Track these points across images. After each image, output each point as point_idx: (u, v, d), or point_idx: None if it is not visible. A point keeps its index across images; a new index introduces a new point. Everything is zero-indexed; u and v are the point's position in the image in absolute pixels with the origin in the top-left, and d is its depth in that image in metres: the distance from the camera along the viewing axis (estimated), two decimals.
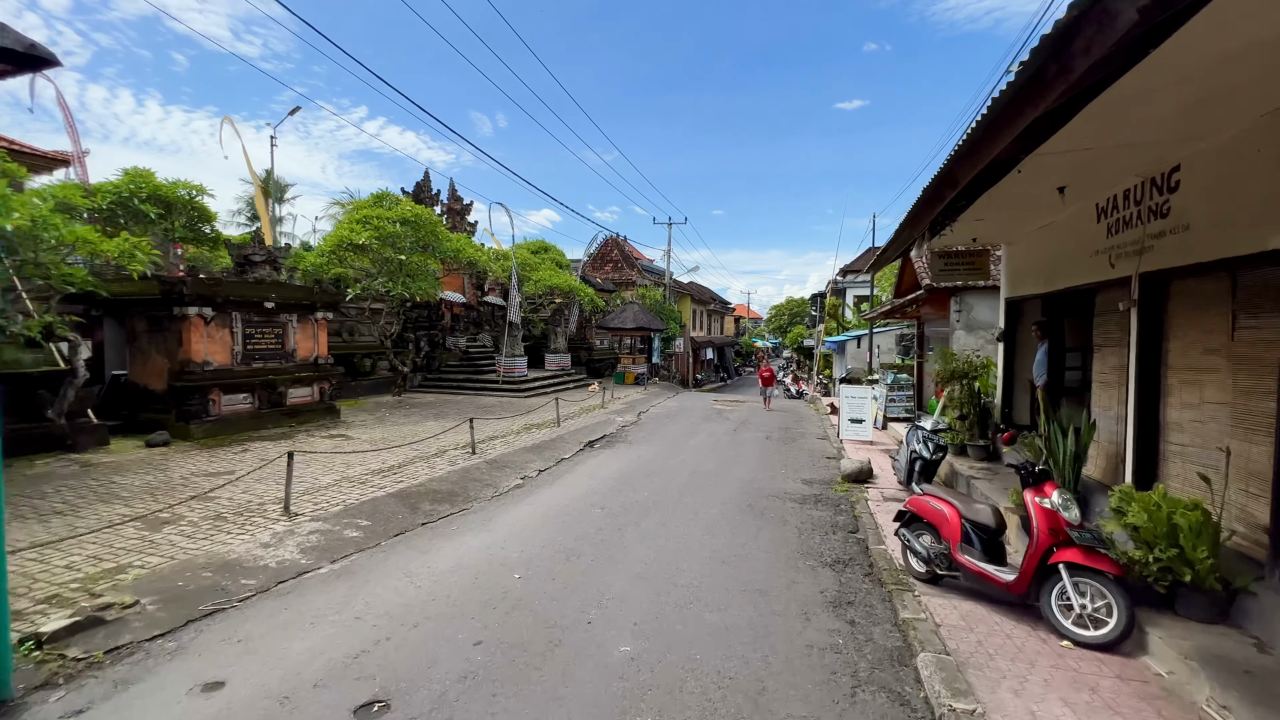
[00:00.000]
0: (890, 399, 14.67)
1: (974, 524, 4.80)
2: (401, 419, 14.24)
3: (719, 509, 7.29)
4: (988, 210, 6.20)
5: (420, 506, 7.22)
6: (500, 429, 12.92)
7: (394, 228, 15.96)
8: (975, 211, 6.12)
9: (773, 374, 21.08)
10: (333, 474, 8.56)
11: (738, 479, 9.08)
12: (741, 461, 10.50)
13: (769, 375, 20.67)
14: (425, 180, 23.77)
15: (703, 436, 13.13)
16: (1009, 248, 8.91)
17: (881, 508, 7.74)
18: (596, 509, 7.15)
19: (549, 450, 10.98)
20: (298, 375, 13.38)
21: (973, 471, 8.13)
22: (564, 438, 12.22)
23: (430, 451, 10.39)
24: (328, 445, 10.85)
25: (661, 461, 10.31)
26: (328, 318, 14.40)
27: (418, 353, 21.89)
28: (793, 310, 53.50)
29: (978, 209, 5.90)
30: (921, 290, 12.09)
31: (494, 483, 8.54)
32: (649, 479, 8.90)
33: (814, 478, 9.39)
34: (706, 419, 16.10)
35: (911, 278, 14.73)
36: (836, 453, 11.68)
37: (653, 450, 11.41)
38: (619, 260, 38.74)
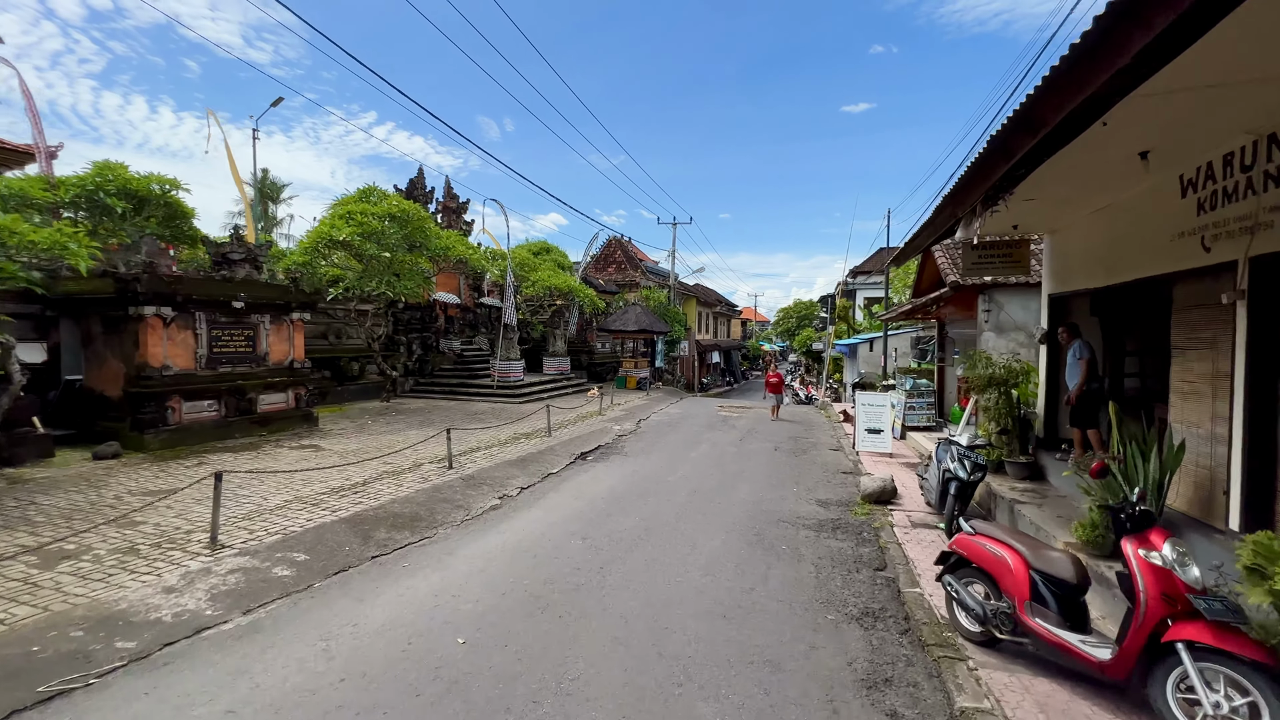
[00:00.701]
0: (909, 407, 13.57)
1: (1046, 577, 3.74)
2: (384, 427, 13.28)
3: (721, 539, 6.24)
4: (1044, 185, 5.14)
5: (374, 535, 6.22)
6: (487, 438, 11.93)
7: (378, 224, 15.05)
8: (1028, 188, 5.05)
9: (781, 379, 19.45)
10: (285, 493, 7.58)
11: (743, 500, 8.03)
12: (747, 477, 9.44)
13: (777, 381, 19.08)
14: (419, 177, 22.90)
15: (705, 447, 12.08)
16: (1053, 237, 7.83)
17: (911, 536, 6.67)
18: (577, 539, 6.12)
19: (536, 464, 9.97)
20: (270, 380, 12.45)
21: (1015, 494, 7.04)
22: (554, 449, 11.21)
23: (404, 465, 9.41)
24: (294, 457, 9.89)
25: (658, 478, 9.27)
26: (305, 319, 13.48)
27: (409, 356, 20.98)
28: (800, 313, 52.25)
29: (1034, 183, 4.84)
30: (946, 288, 11.01)
31: (467, 504, 7.54)
32: (642, 500, 7.87)
33: (830, 498, 8.32)
34: (710, 427, 15.05)
35: (933, 275, 13.64)
36: (853, 467, 10.60)
37: (650, 464, 10.37)
38: (622, 261, 37.77)
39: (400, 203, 15.75)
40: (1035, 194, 5.57)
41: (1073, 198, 5.93)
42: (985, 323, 11.05)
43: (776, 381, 19.16)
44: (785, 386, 21.72)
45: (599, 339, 28.72)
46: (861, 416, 11.79)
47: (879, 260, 38.41)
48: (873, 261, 38.97)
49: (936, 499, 7.08)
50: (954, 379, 14.30)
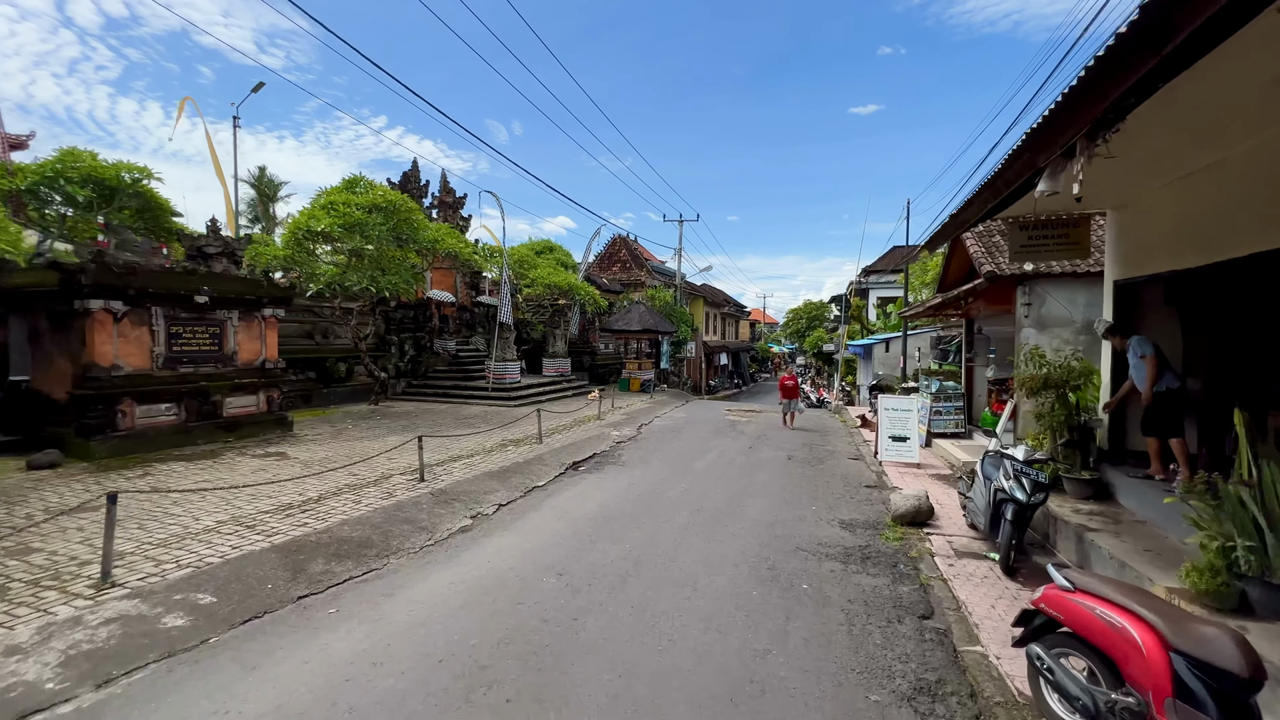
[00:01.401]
0: (935, 411, 12.37)
1: (1196, 664, 2.59)
2: (364, 432, 12.26)
3: (727, 576, 5.12)
4: (1143, 132, 3.99)
5: (308, 567, 5.16)
6: (471, 446, 10.86)
7: (361, 214, 14.05)
8: (1121, 139, 3.91)
9: (796, 383, 16.33)
10: (223, 512, 6.54)
11: (754, 521, 6.90)
12: (758, 493, 8.31)
13: (792, 385, 16.00)
14: (413, 170, 21.96)
15: (711, 456, 10.94)
16: (1121, 214, 6.66)
17: (957, 569, 5.52)
18: (552, 576, 5.02)
19: (520, 475, 8.89)
20: (239, 382, 11.46)
21: (1080, 518, 5.87)
22: (543, 458, 10.12)
23: (371, 477, 8.37)
24: (251, 468, 8.87)
25: (657, 493, 8.15)
26: (279, 315, 12.50)
27: (401, 357, 20.02)
28: (810, 314, 50.92)
29: (1135, 125, 3.70)
30: (980, 279, 9.82)
31: (431, 525, 6.46)
32: (636, 522, 6.75)
33: (855, 518, 7.17)
34: (717, 433, 13.91)
35: (962, 266, 12.44)
36: (877, 480, 9.43)
37: (648, 476, 9.26)
38: (627, 260, 36.73)
39: (386, 193, 14.76)
40: (1124, 148, 4.43)
41: (1169, 153, 4.77)
42: (1025, 318, 9.85)
43: (791, 385, 16.22)
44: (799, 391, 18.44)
45: (602, 339, 27.65)
46: (885, 422, 10.62)
47: (893, 259, 37.14)
48: (886, 260, 37.70)
49: (986, 523, 5.92)
50: (983, 381, 13.10)
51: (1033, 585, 5.14)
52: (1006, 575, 5.40)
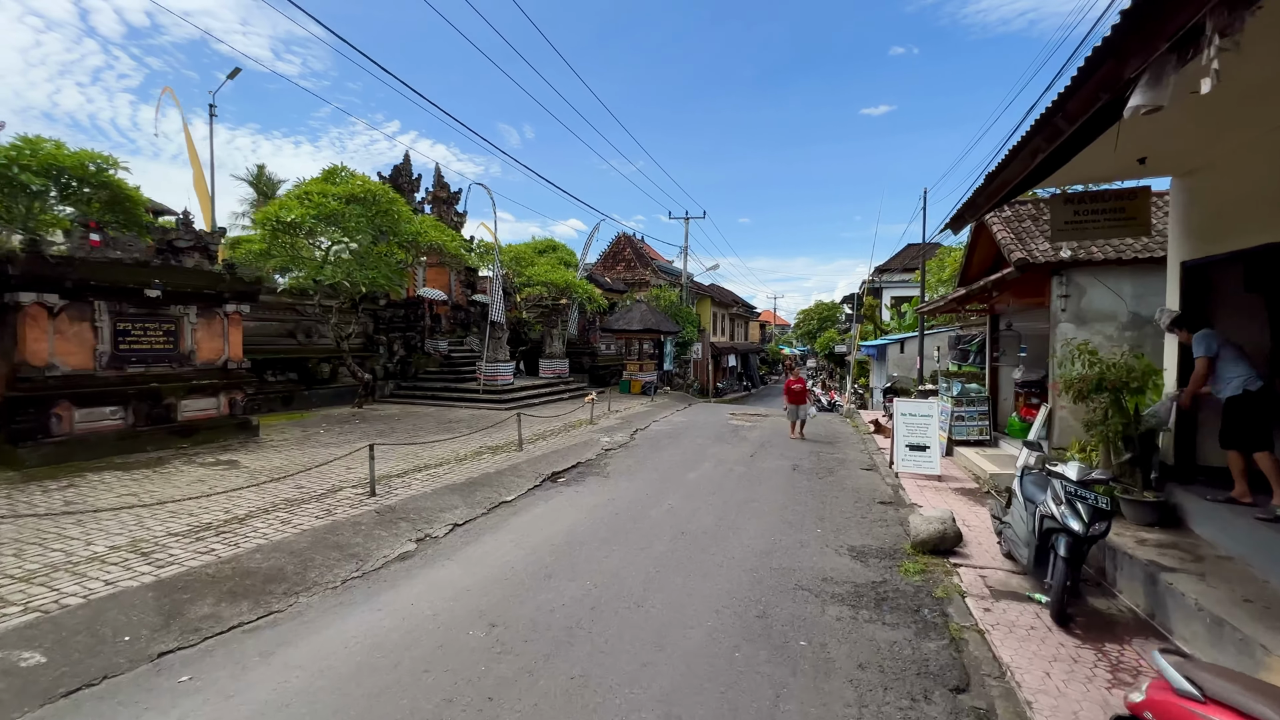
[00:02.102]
0: (956, 417, 11.21)
1: None
2: (335, 438, 11.35)
3: (705, 629, 4.06)
4: (1243, 65, 2.90)
5: (190, 610, 4.19)
6: (444, 453, 9.90)
7: (338, 205, 13.20)
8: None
9: (805, 388, 14.29)
10: (125, 534, 5.61)
11: (747, 547, 5.84)
12: (756, 511, 7.24)
13: (800, 389, 13.92)
14: (405, 163, 21.13)
15: (708, 467, 9.87)
16: (1190, 181, 5.54)
17: (996, 616, 4.43)
18: (481, 627, 4.00)
19: (488, 489, 7.89)
20: (196, 383, 10.61)
21: (1147, 551, 4.75)
22: (519, 468, 9.13)
23: (318, 490, 7.43)
24: (189, 479, 7.96)
25: (639, 511, 7.12)
26: (243, 311, 11.63)
27: (390, 357, 19.15)
28: (822, 314, 49.57)
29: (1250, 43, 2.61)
30: (1009, 269, 8.68)
31: (363, 552, 5.48)
32: (606, 549, 5.72)
33: (867, 544, 6.08)
34: (718, 439, 12.83)
35: (987, 255, 11.28)
36: (893, 494, 8.32)
37: (633, 489, 8.23)
38: (632, 259, 35.73)
39: (366, 183, 13.90)
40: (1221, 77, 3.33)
41: (1275, 88, 3.66)
42: (1061, 311, 8.69)
43: (799, 389, 14.01)
44: (809, 395, 15.92)
45: (603, 340, 26.66)
46: (901, 429, 9.50)
47: (908, 257, 35.83)
48: (901, 258, 36.37)
49: (1030, 557, 4.81)
50: (1010, 383, 11.91)
51: (1094, 640, 4.05)
52: (1059, 625, 4.31)
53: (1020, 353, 9.75)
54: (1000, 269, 9.61)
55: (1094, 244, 8.78)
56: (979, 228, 10.93)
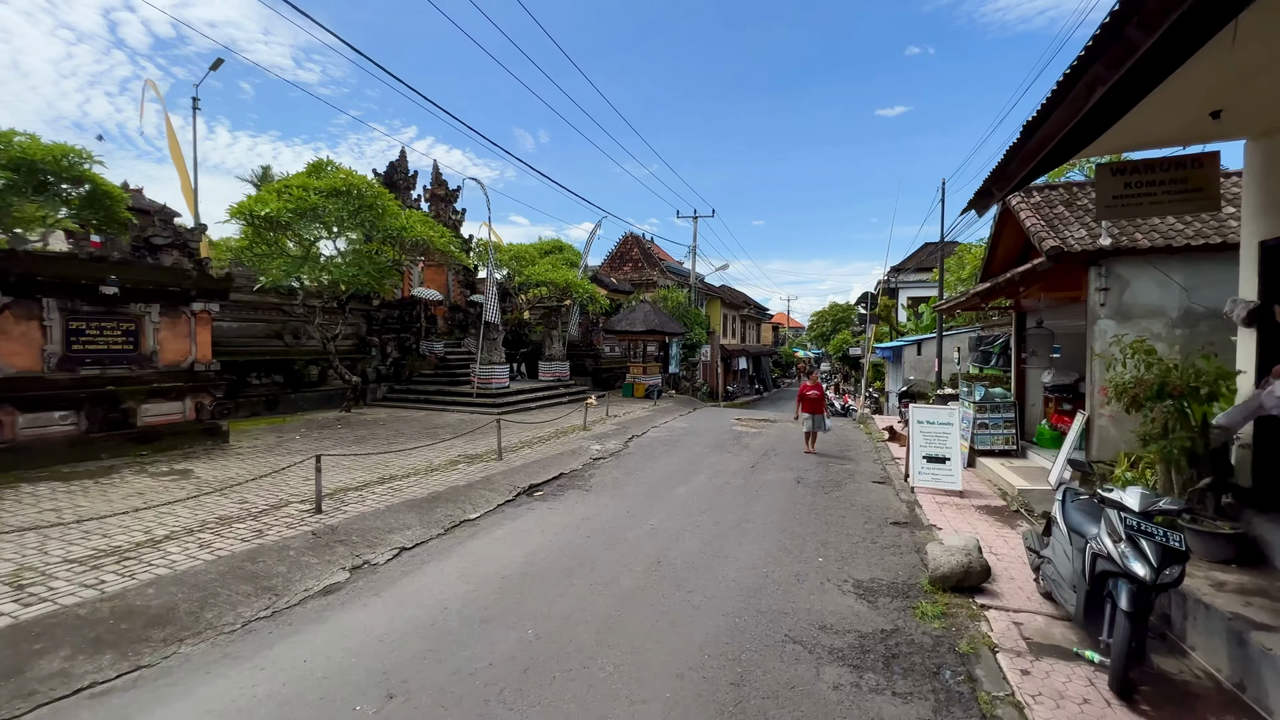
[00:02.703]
0: (980, 424, 10.19)
1: None
2: (311, 444, 10.65)
3: (660, 704, 3.18)
4: None
5: (39, 665, 3.42)
6: (417, 463, 9.13)
7: (319, 199, 12.54)
8: None
9: (823, 394, 11.99)
10: (12, 561, 4.88)
11: (733, 582, 4.95)
12: (749, 533, 6.34)
13: (817, 396, 11.62)
14: (401, 160, 20.54)
15: (701, 479, 8.98)
16: (1272, 142, 4.56)
17: (1036, 678, 3.51)
18: (376, 696, 3.17)
19: (451, 505, 7.08)
20: (158, 386, 9.96)
21: (1228, 600, 3.79)
22: (494, 480, 8.32)
23: (264, 504, 6.68)
24: (127, 492, 7.26)
25: (614, 532, 6.26)
26: (212, 310, 10.99)
27: (383, 359, 18.51)
28: (836, 316, 48.40)
29: None
30: (1040, 259, 7.69)
31: (283, 585, 4.69)
32: (565, 582, 4.87)
33: (877, 576, 5.16)
34: (717, 448, 11.92)
35: (1013, 246, 10.28)
36: (908, 513, 7.37)
37: (614, 506, 7.37)
38: (639, 260, 34.93)
39: (350, 176, 13.23)
40: None
41: None
42: (1100, 306, 7.69)
43: (816, 397, 11.59)
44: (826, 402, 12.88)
45: (606, 342, 25.85)
46: (918, 439, 8.54)
47: (924, 256, 34.62)
48: (917, 258, 35.15)
49: (1079, 605, 3.87)
50: (1038, 387, 10.87)
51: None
52: (1120, 698, 3.37)
53: (1053, 353, 8.74)
54: (1028, 260, 8.62)
55: (1138, 230, 7.77)
56: (1004, 217, 9.93)
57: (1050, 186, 9.36)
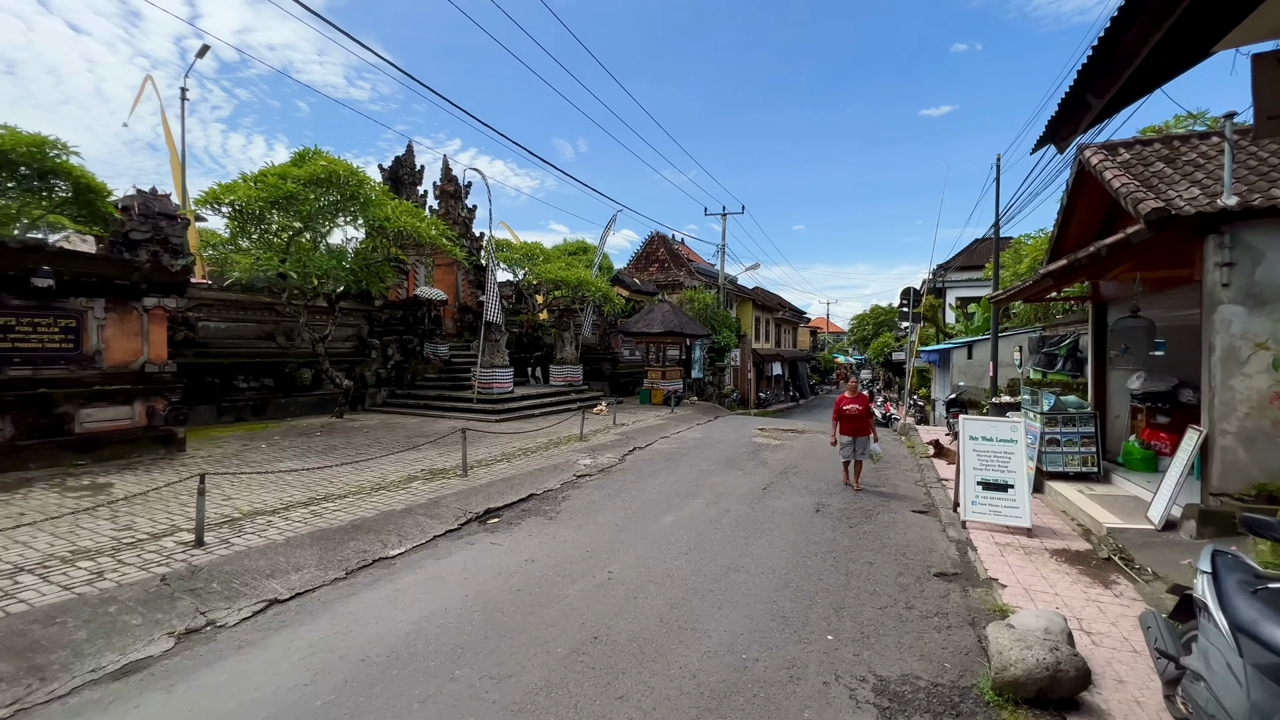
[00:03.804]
0: (1049, 440, 8.26)
1: None
2: (273, 455, 9.58)
3: None
4: None
5: None
6: (368, 479, 7.87)
7: (295, 188, 11.55)
8: None
9: (867, 409, 8.52)
10: None
11: (690, 684, 3.38)
12: (736, 590, 4.74)
13: (858, 413, 8.34)
14: (408, 154, 19.68)
15: (697, 505, 7.38)
16: None
17: None
18: None
19: (374, 536, 5.73)
20: (102, 389, 9.04)
21: None
22: (443, 502, 6.94)
23: (147, 531, 5.48)
24: (22, 510, 6.18)
25: (556, 583, 4.76)
26: (168, 306, 10.05)
27: (384, 362, 17.55)
28: (878, 319, 45.68)
29: None
30: (1138, 227, 5.83)
31: (68, 658, 3.40)
32: (448, 669, 3.42)
33: (911, 674, 3.50)
34: (728, 464, 10.27)
35: (1089, 220, 8.37)
36: (958, 557, 5.61)
37: (574, 542, 5.87)
38: (666, 260, 33.43)
39: (331, 163, 12.21)
40: None
41: None
42: (1222, 286, 5.78)
43: (858, 414, 8.31)
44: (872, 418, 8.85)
45: (626, 345, 24.42)
46: (970, 459, 6.74)
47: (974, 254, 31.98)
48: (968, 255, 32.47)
49: None
50: (1121, 394, 8.86)
51: None
52: None
53: (1153, 351, 6.79)
54: (1115, 231, 6.71)
55: (1275, 185, 5.84)
56: (1080, 183, 8.02)
57: (1142, 141, 7.44)
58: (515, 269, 21.30)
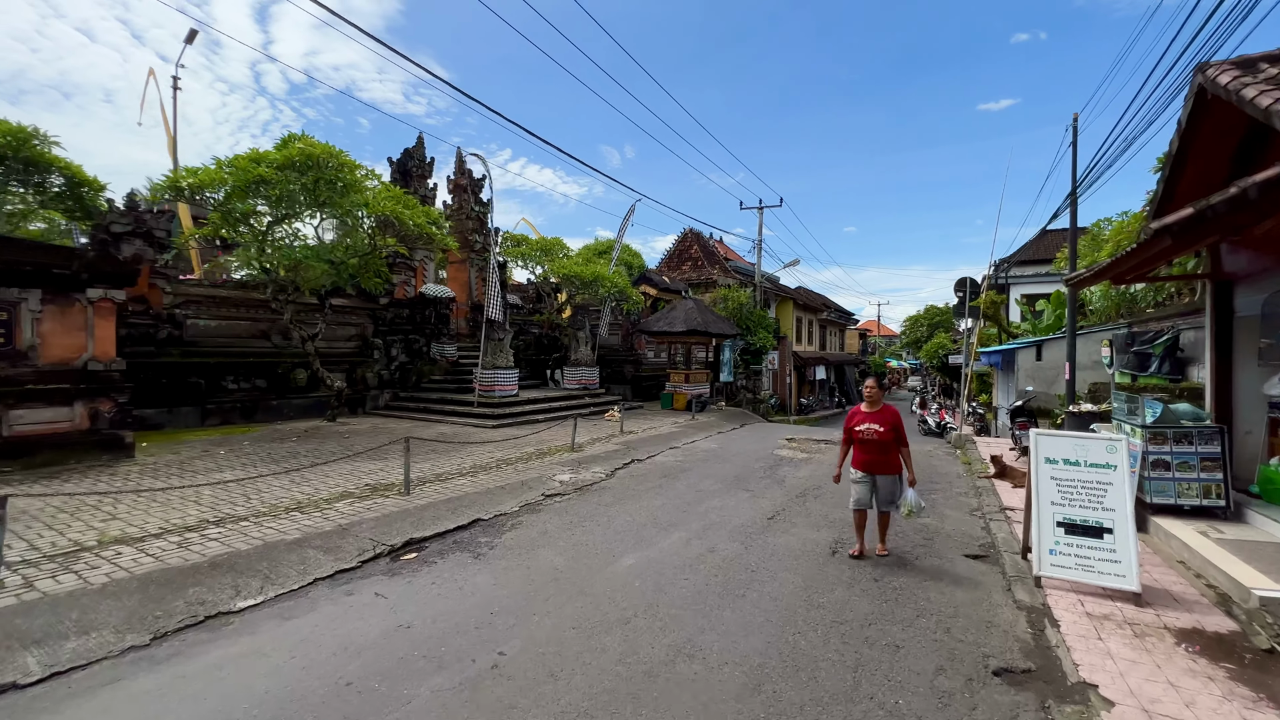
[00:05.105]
0: (1154, 462, 6.22)
1: None
2: (230, 462, 8.58)
3: None
4: None
5: None
6: (290, 497, 6.65)
7: (268, 171, 10.63)
8: None
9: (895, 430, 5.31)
10: None
11: None
12: (673, 700, 3.13)
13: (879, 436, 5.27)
14: (418, 146, 18.84)
15: (675, 540, 5.75)
16: None
17: None
18: None
19: (234, 577, 4.42)
20: (36, 388, 8.22)
21: None
22: (353, 530, 5.60)
23: None
24: None
25: (409, 677, 3.28)
26: (115, 299, 9.20)
27: (388, 363, 16.64)
28: (932, 320, 42.47)
29: None
30: None
31: None
32: None
33: None
34: (735, 483, 8.56)
35: (1212, 165, 6.32)
36: (1030, 639, 3.80)
37: (482, 597, 4.39)
38: (699, 258, 31.74)
39: (309, 145, 11.25)
40: None
41: None
42: None
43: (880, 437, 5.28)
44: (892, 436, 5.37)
45: (650, 346, 22.89)
46: (1048, 490, 4.87)
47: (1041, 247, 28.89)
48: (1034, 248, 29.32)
49: None
50: (1254, 402, 6.68)
51: None
52: None
53: None
54: (1257, 169, 4.72)
55: None
56: (1198, 115, 5.99)
57: None
58: (532, 265, 20.16)
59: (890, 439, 5.31)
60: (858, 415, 5.48)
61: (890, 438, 5.31)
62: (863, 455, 5.41)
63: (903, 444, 5.37)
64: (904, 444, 5.37)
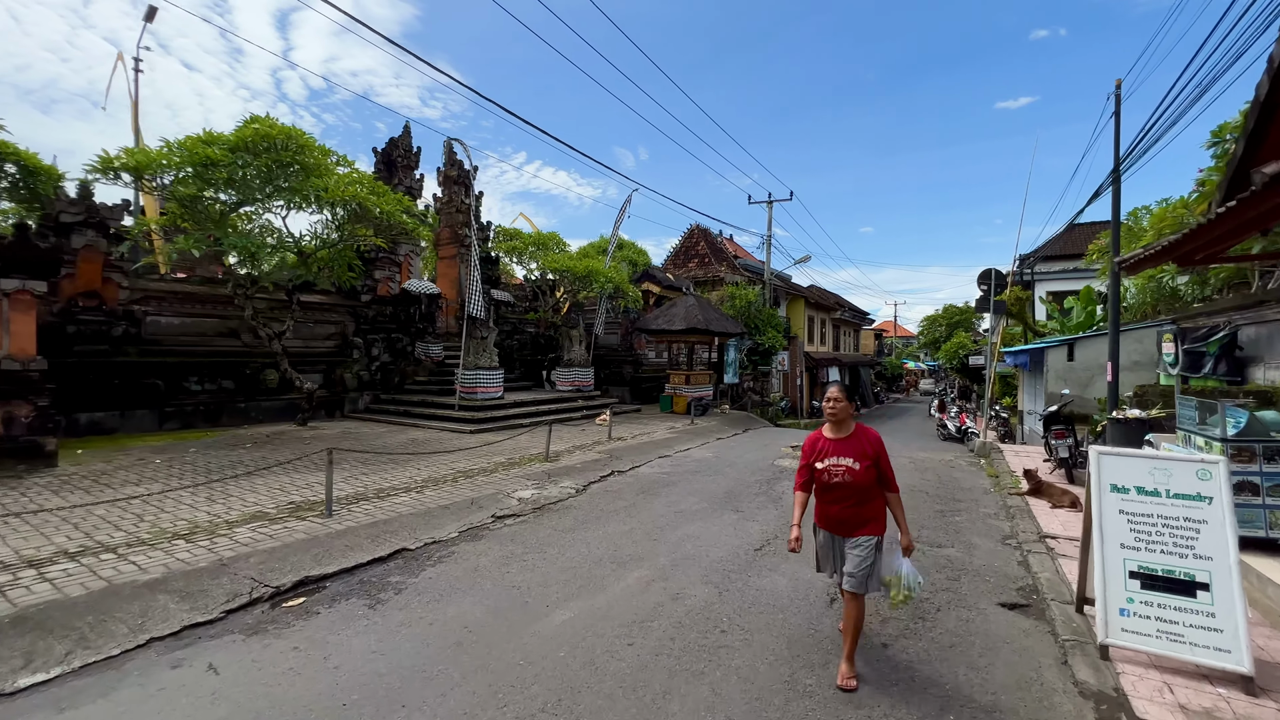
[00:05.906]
0: (1239, 484, 4.96)
1: None
2: (137, 479, 7.62)
3: None
4: None
5: None
6: (189, 519, 5.63)
7: (220, 154, 9.70)
8: None
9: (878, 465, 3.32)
10: None
11: None
12: None
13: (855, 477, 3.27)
14: (404, 136, 17.92)
15: (627, 585, 4.61)
16: None
17: None
18: None
19: (33, 639, 3.38)
20: None
21: None
22: (238, 564, 4.55)
23: None
24: None
25: None
26: (36, 290, 8.28)
27: (368, 364, 15.70)
28: (951, 319, 40.72)
29: None
30: None
31: None
32: None
33: None
34: (725, 500, 7.38)
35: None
36: None
37: (352, 674, 3.31)
38: (706, 255, 30.50)
39: (266, 126, 10.31)
40: None
41: None
42: None
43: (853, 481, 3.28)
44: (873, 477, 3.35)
45: (650, 346, 21.75)
46: (1115, 529, 3.66)
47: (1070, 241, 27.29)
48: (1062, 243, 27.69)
49: None
50: None
51: None
52: None
53: None
54: None
55: None
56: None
57: None
58: (526, 260, 19.15)
59: (869, 480, 3.30)
60: (820, 444, 3.45)
61: (869, 479, 3.30)
62: (828, 506, 3.42)
63: (889, 487, 3.37)
64: (891, 488, 3.38)
